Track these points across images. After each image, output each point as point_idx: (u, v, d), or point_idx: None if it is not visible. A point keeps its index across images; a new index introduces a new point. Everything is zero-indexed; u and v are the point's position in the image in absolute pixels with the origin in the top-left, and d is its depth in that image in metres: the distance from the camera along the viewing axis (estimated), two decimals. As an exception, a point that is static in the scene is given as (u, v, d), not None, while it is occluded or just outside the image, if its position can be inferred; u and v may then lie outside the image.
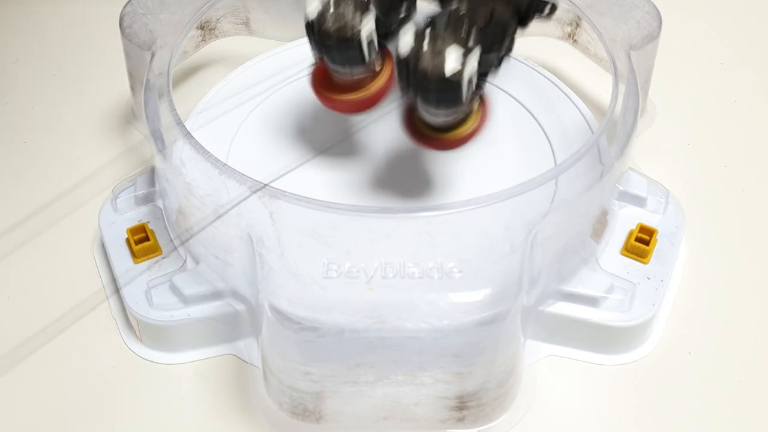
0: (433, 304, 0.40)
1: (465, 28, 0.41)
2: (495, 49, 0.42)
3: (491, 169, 0.50)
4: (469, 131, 0.43)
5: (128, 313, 0.46)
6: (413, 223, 0.42)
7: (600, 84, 0.56)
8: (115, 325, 0.47)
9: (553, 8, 0.44)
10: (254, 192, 0.42)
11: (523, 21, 0.43)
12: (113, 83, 0.58)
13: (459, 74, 0.40)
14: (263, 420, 0.44)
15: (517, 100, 0.53)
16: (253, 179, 0.42)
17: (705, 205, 0.52)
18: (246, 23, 0.58)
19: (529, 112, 0.53)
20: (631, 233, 0.48)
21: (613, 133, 0.46)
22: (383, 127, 0.52)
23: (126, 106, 0.57)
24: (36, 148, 0.56)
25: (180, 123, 0.45)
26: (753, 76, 0.60)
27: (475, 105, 0.43)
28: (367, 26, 0.42)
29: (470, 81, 0.40)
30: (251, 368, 0.45)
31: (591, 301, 0.45)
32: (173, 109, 0.46)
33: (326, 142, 0.52)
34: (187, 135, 0.45)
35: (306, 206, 0.42)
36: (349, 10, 0.42)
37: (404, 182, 0.49)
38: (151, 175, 0.50)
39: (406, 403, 0.42)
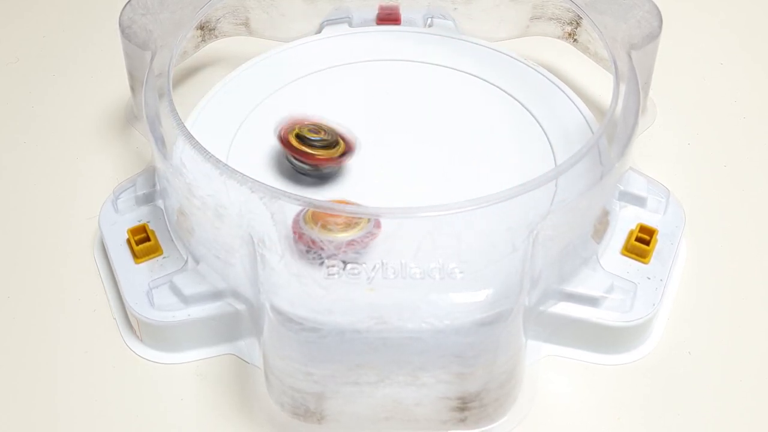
0: (435, 304, 0.40)
1: None
2: None
3: (491, 169, 0.50)
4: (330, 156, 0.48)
5: (128, 313, 0.46)
6: (414, 223, 0.42)
7: (600, 84, 0.56)
8: (115, 325, 0.47)
9: None
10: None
11: None
12: (113, 83, 0.58)
13: None
14: (264, 420, 0.43)
15: (517, 100, 0.53)
16: (253, 179, 0.42)
17: (705, 205, 0.52)
18: (246, 23, 0.58)
19: (529, 112, 0.53)
20: (631, 233, 0.48)
21: (613, 133, 0.46)
22: (383, 127, 0.52)
23: (126, 106, 0.57)
24: (36, 148, 0.56)
25: (180, 123, 0.45)
26: (753, 76, 0.60)
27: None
28: None
29: None
30: (252, 368, 0.45)
31: (591, 301, 0.45)
32: (173, 110, 0.46)
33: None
34: (188, 135, 0.45)
35: (307, 207, 0.42)
36: None
37: (405, 182, 0.49)
38: (152, 175, 0.50)
39: (407, 404, 0.42)
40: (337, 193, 0.48)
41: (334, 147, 0.48)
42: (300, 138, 0.48)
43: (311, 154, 0.48)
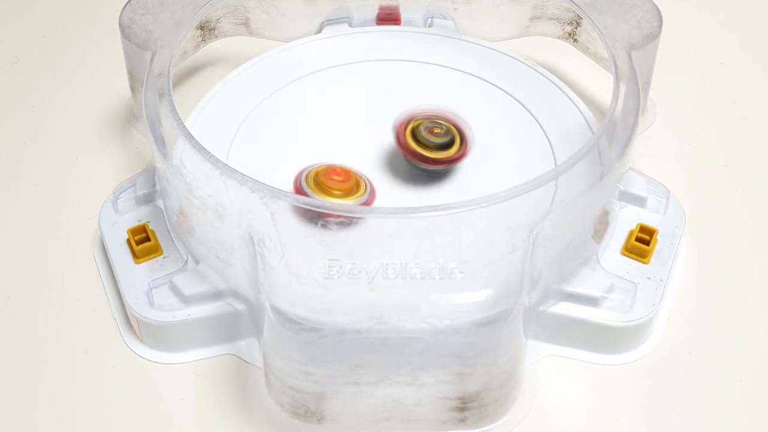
0: (435, 304, 0.40)
1: None
2: None
3: (491, 169, 0.50)
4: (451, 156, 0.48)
5: (128, 313, 0.46)
6: (414, 223, 0.42)
7: (600, 84, 0.56)
8: (115, 325, 0.47)
9: None
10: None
11: None
12: (113, 83, 0.58)
13: None
14: (264, 420, 0.44)
15: (517, 100, 0.53)
16: (253, 179, 0.42)
17: (705, 205, 0.52)
18: (246, 23, 0.58)
19: (529, 112, 0.53)
20: (631, 233, 0.48)
21: (613, 133, 0.46)
22: (383, 127, 0.52)
23: (126, 106, 0.57)
24: (36, 148, 0.56)
25: (180, 123, 0.45)
26: (753, 76, 0.60)
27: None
28: None
29: None
30: (252, 368, 0.45)
31: (591, 301, 0.45)
32: (173, 110, 0.46)
33: (326, 141, 0.52)
34: (188, 135, 0.45)
35: (307, 206, 0.42)
36: None
37: (405, 182, 0.49)
38: (152, 175, 0.50)
39: (407, 404, 0.42)
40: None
41: (451, 147, 0.48)
42: (416, 137, 0.48)
43: (425, 156, 0.48)
